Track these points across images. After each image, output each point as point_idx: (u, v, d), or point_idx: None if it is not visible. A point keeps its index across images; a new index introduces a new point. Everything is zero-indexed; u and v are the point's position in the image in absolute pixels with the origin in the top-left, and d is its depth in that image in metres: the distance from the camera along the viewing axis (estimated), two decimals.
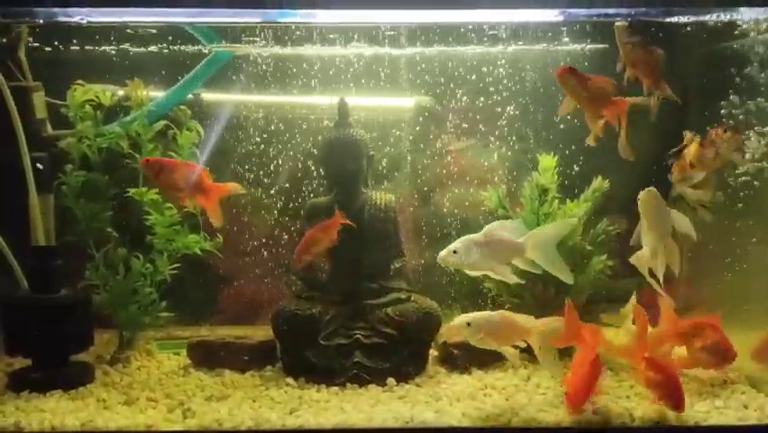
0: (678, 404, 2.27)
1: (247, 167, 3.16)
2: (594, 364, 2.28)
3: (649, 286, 2.43)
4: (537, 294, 2.88)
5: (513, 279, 2.39)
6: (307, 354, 2.64)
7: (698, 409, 2.36)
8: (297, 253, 2.61)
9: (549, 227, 2.35)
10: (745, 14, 2.31)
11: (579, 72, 2.28)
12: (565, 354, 2.50)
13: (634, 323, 2.48)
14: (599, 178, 2.90)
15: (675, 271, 2.47)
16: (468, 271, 2.38)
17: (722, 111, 2.74)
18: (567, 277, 2.37)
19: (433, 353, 2.83)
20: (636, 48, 2.34)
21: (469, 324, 2.32)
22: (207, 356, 2.80)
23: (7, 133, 2.53)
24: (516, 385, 2.59)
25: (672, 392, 2.27)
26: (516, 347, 2.40)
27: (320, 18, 2.47)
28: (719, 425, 2.29)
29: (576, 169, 3.01)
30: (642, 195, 2.36)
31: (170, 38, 2.86)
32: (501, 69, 3.07)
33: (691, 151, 2.43)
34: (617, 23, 2.33)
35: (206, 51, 2.91)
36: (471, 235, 2.34)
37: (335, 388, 2.56)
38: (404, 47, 2.95)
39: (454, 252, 2.31)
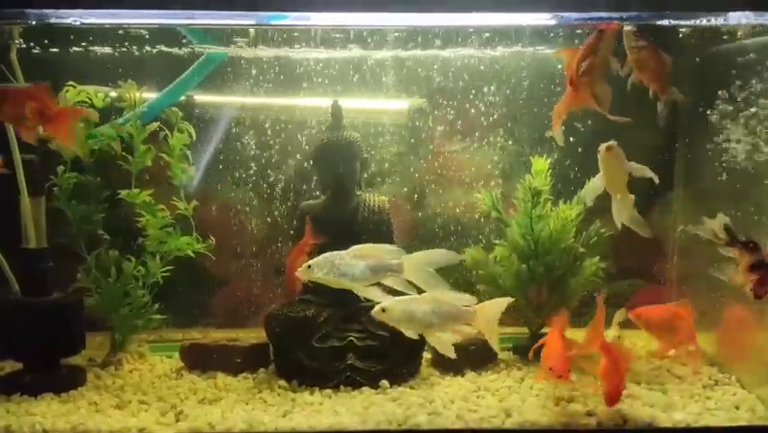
0: (612, 397, 2.25)
1: (239, 168, 3.15)
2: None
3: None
4: (531, 296, 2.89)
5: (376, 296, 2.33)
6: (301, 357, 2.63)
7: (689, 411, 2.37)
8: (288, 285, 2.58)
9: (429, 252, 2.33)
10: (733, 19, 2.33)
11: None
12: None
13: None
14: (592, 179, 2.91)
15: (619, 225, 2.44)
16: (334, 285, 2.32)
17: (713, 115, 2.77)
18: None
19: (426, 355, 2.83)
20: (644, 52, 2.34)
21: (384, 310, 2.26)
22: (200, 359, 2.79)
23: None
24: (510, 387, 2.59)
25: (612, 384, 2.26)
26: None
27: (313, 21, 2.47)
28: (711, 426, 2.30)
29: (569, 170, 3.03)
30: (603, 151, 2.34)
31: (162, 39, 2.86)
32: (494, 71, 3.09)
33: None
34: (625, 28, 2.34)
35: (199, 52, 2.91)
36: (336, 252, 2.31)
37: (329, 390, 2.55)
38: (395, 49, 2.96)
39: (309, 267, 2.29)
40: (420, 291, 2.34)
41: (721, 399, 2.49)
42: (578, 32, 2.66)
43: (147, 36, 2.80)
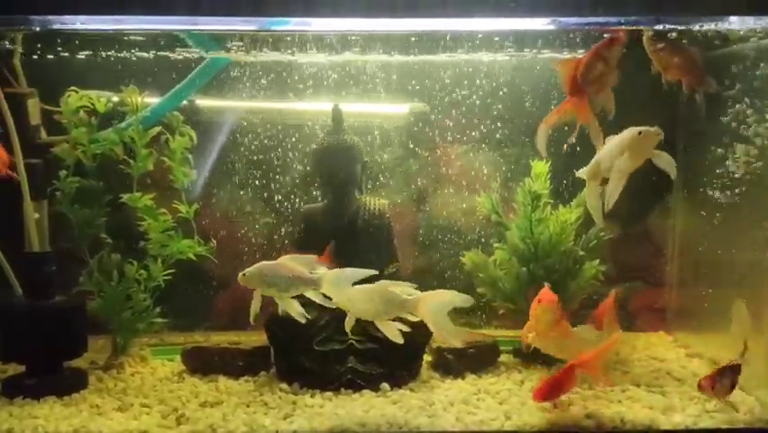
0: (540, 392, 2.30)
1: (241, 172, 3.18)
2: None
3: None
4: (531, 299, 2.90)
5: (294, 310, 2.39)
6: (301, 360, 2.64)
7: (689, 413, 2.38)
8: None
9: (345, 270, 2.36)
10: (734, 24, 2.34)
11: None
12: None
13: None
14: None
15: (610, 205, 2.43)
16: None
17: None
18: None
19: (426, 358, 2.84)
20: (666, 53, 2.39)
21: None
22: (202, 362, 2.80)
23: (2, 140, 2.53)
24: (510, 390, 2.60)
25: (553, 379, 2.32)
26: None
27: (315, 27, 2.49)
28: (710, 428, 2.31)
29: (568, 174, 3.04)
30: (636, 134, 2.32)
31: (163, 44, 2.89)
32: (493, 76, 3.11)
33: None
34: (645, 35, 2.39)
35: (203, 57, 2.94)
36: (266, 262, 2.37)
37: (329, 393, 2.56)
38: (395, 54, 2.98)
39: (243, 274, 2.35)
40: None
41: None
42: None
43: (143, 41, 2.82)
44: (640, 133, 2.31)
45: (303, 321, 2.42)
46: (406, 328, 2.36)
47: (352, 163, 2.87)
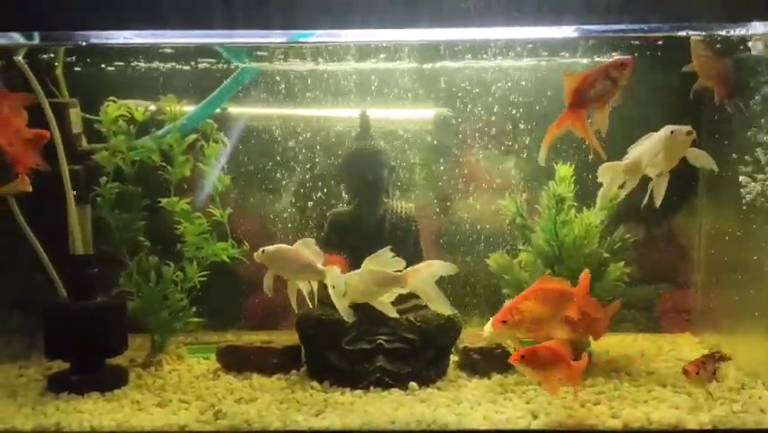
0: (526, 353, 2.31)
1: (273, 176, 3.27)
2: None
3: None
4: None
5: (293, 294, 2.51)
6: (332, 359, 2.72)
7: (715, 414, 2.40)
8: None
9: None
10: (757, 29, 2.36)
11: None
12: None
13: None
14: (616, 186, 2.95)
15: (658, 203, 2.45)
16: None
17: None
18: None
19: (453, 358, 2.89)
20: (711, 61, 2.47)
21: (333, 286, 2.45)
22: (236, 360, 2.89)
23: (47, 147, 2.66)
24: (536, 389, 2.64)
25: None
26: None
27: (343, 38, 2.57)
28: (737, 429, 2.33)
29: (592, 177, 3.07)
30: (669, 134, 2.35)
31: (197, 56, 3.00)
32: (517, 81, 3.15)
33: None
34: (692, 37, 2.46)
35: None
36: (284, 246, 2.51)
37: (359, 391, 2.63)
38: (421, 62, 3.05)
39: (262, 251, 2.49)
40: None
41: (747, 402, 2.51)
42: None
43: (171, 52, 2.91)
44: (672, 132, 2.35)
45: (269, 294, 2.49)
46: (393, 313, 2.50)
47: (379, 168, 2.94)
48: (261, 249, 2.50)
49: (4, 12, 2.27)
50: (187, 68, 3.10)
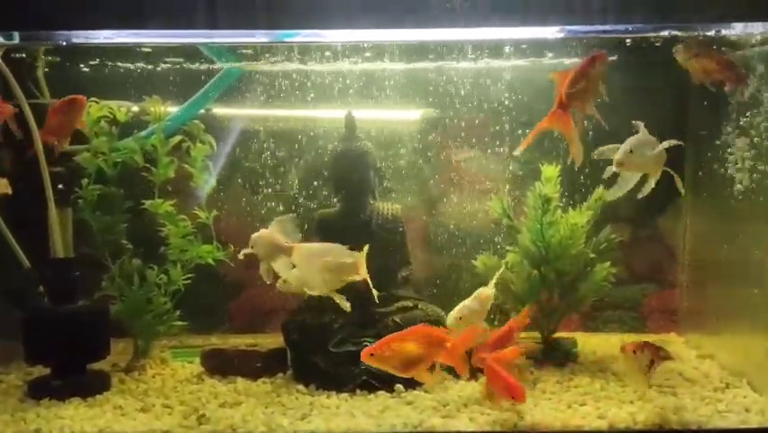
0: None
1: (257, 178, 3.25)
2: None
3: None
4: (542, 301, 2.94)
5: (266, 274, 2.47)
6: (317, 362, 2.70)
7: (700, 414, 2.40)
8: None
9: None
10: (739, 29, 2.38)
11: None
12: None
13: None
14: (601, 187, 2.96)
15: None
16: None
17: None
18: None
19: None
20: (704, 58, 2.45)
21: (285, 281, 2.51)
22: (221, 364, 2.87)
23: (26, 149, 2.62)
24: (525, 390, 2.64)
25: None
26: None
27: (327, 38, 2.56)
28: (721, 428, 2.34)
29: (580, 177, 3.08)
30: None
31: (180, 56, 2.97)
32: (503, 82, 3.16)
33: None
34: (675, 47, 2.45)
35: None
36: (265, 230, 2.48)
37: (345, 394, 2.62)
38: (406, 62, 3.04)
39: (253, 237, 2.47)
40: None
41: (732, 401, 2.52)
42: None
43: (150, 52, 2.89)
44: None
45: (269, 282, 2.48)
46: (346, 306, 2.46)
47: (365, 169, 2.92)
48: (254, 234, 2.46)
49: None
50: (169, 67, 3.06)
